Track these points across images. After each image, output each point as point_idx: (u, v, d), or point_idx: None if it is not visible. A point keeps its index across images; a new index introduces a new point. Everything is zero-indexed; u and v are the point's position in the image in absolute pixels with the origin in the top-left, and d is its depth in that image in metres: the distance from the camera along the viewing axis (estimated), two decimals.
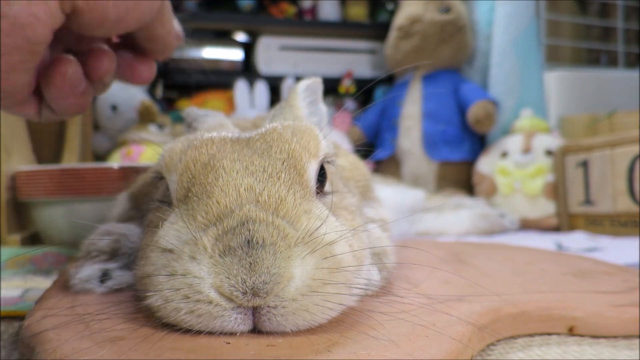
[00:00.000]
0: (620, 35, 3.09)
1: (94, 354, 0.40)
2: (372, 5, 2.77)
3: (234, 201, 0.47)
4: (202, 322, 0.44)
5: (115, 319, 0.48)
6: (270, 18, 2.61)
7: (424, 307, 0.53)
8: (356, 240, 0.53)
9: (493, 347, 0.56)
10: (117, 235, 0.63)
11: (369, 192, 0.82)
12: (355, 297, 0.51)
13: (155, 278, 0.46)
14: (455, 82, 2.20)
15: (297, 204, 0.48)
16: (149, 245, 0.50)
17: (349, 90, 2.53)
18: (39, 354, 0.42)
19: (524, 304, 0.60)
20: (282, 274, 0.43)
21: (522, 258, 0.87)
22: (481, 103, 2.02)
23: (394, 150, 2.24)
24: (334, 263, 0.46)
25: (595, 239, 1.47)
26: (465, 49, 2.24)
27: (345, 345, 0.43)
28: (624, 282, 0.72)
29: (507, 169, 1.87)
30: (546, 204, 1.76)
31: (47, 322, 0.47)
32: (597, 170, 1.58)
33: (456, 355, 0.45)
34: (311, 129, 0.57)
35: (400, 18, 2.28)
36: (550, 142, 1.84)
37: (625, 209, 1.49)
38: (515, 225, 1.69)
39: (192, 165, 0.51)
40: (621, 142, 1.51)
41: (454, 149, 2.14)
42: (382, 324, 0.47)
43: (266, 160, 0.51)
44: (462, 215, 1.62)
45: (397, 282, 0.64)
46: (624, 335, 0.60)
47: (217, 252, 0.44)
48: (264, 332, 0.45)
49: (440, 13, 2.20)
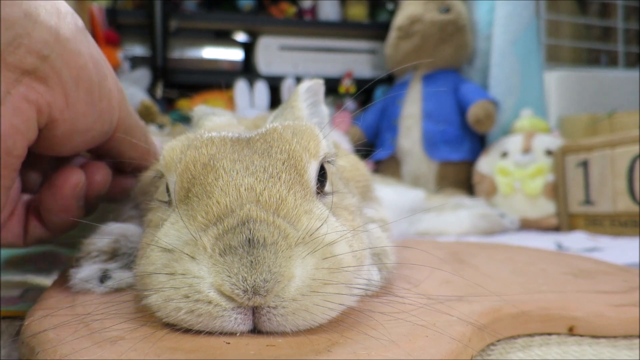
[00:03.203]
0: (620, 35, 3.09)
1: (93, 353, 0.40)
2: (372, 5, 2.77)
3: (234, 201, 0.47)
4: (202, 321, 0.44)
5: (115, 319, 0.48)
6: (270, 18, 2.61)
7: (424, 307, 0.53)
8: (356, 240, 0.53)
9: (493, 347, 0.56)
10: (117, 235, 0.63)
11: (369, 192, 0.82)
12: (356, 297, 0.51)
13: (156, 278, 0.46)
14: (455, 82, 2.20)
15: (297, 204, 0.48)
16: (149, 244, 0.50)
17: (349, 90, 2.53)
18: (39, 354, 0.42)
19: (524, 304, 0.60)
20: (282, 273, 0.43)
21: (522, 258, 0.87)
22: (481, 103, 2.02)
23: (394, 150, 2.24)
24: (334, 263, 0.46)
25: (595, 239, 1.47)
26: (465, 49, 2.24)
27: (346, 345, 0.43)
28: (624, 282, 0.72)
29: (507, 169, 1.87)
30: (546, 204, 1.76)
31: (47, 322, 0.47)
32: (597, 170, 1.58)
33: (456, 355, 0.45)
34: (311, 129, 0.57)
35: (400, 18, 2.28)
36: (550, 142, 1.84)
37: (625, 209, 1.49)
38: (515, 225, 1.69)
39: (192, 165, 0.51)
40: (621, 142, 1.51)
41: (454, 149, 2.14)
42: (382, 324, 0.47)
43: (267, 160, 0.51)
44: (462, 215, 1.62)
45: (397, 282, 0.64)
46: (624, 335, 0.60)
47: (217, 252, 0.44)
48: (264, 332, 0.45)
49: (440, 13, 2.20)
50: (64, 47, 0.53)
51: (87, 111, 0.57)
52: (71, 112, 0.55)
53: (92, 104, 0.58)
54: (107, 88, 0.61)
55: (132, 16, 2.44)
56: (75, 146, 0.60)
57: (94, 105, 0.58)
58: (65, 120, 0.55)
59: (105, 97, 0.60)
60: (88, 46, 0.57)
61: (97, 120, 0.60)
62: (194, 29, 2.54)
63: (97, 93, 0.58)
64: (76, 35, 0.55)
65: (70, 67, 0.54)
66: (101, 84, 0.59)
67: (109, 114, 0.62)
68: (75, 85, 0.55)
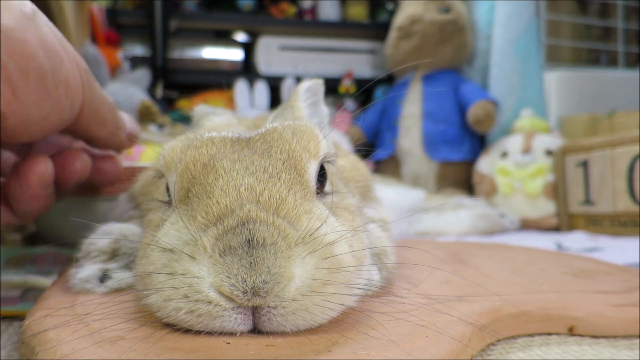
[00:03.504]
0: (620, 35, 3.09)
1: (93, 353, 0.40)
2: (372, 5, 2.77)
3: (234, 201, 0.47)
4: (202, 322, 0.44)
5: (115, 319, 0.48)
6: (270, 18, 2.61)
7: (424, 307, 0.53)
8: (356, 240, 0.53)
9: (493, 347, 0.56)
10: (117, 235, 0.63)
11: (369, 193, 0.82)
12: (355, 297, 0.51)
13: (156, 277, 0.46)
14: (455, 82, 2.20)
15: (297, 204, 0.48)
16: (149, 244, 0.50)
17: (349, 90, 2.53)
18: (39, 354, 0.42)
19: (524, 304, 0.60)
20: (282, 274, 0.43)
21: (522, 258, 0.87)
22: (481, 103, 2.02)
23: (394, 150, 2.24)
24: (334, 263, 0.46)
25: (595, 239, 1.47)
26: (465, 49, 2.24)
27: (346, 345, 0.43)
28: (624, 282, 0.72)
29: (507, 169, 1.87)
30: (546, 204, 1.76)
31: (47, 322, 0.47)
32: (597, 170, 1.58)
33: (456, 355, 0.45)
34: (311, 129, 0.57)
35: (400, 18, 2.28)
36: (550, 142, 1.84)
37: (625, 209, 1.49)
38: (515, 225, 1.69)
39: (192, 165, 0.51)
40: (621, 142, 1.51)
41: (454, 148, 2.14)
42: (382, 324, 0.47)
43: (266, 160, 0.51)
44: (462, 215, 1.62)
45: (397, 282, 0.64)
46: (624, 335, 0.60)
47: (217, 252, 0.44)
48: (264, 332, 0.45)
49: (440, 13, 2.20)
50: (7, 37, 0.50)
51: (39, 100, 0.55)
52: (20, 104, 0.53)
53: (45, 93, 0.55)
54: (64, 73, 0.57)
55: (132, 16, 2.44)
56: (33, 134, 0.58)
57: (48, 94, 0.56)
58: (15, 113, 0.53)
59: (61, 83, 0.57)
60: (37, 32, 0.54)
61: (54, 108, 0.58)
62: (194, 29, 2.54)
63: (51, 80, 0.56)
64: (21, 22, 0.52)
65: (16, 58, 0.51)
66: (55, 70, 0.56)
67: (69, 99, 0.59)
68: (23, 76, 0.52)
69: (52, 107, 0.57)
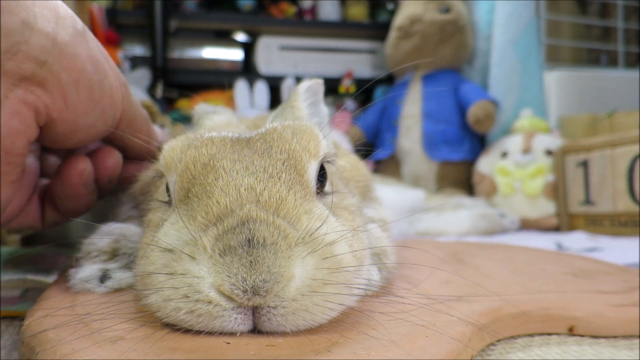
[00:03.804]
0: (620, 35, 3.09)
1: (93, 353, 0.40)
2: (372, 5, 2.77)
3: (234, 201, 0.47)
4: (202, 322, 0.44)
5: (115, 319, 0.48)
6: (270, 18, 2.61)
7: (424, 307, 0.53)
8: (356, 240, 0.53)
9: (493, 347, 0.56)
10: (117, 235, 0.63)
11: (369, 193, 0.82)
12: (355, 297, 0.51)
13: (155, 277, 0.46)
14: (455, 82, 2.20)
15: (297, 204, 0.48)
16: (149, 244, 0.50)
17: (349, 90, 2.53)
18: (39, 354, 0.42)
19: (524, 304, 0.60)
20: (282, 274, 0.43)
21: (522, 258, 0.87)
22: (481, 103, 2.02)
23: (394, 150, 2.24)
24: (334, 263, 0.46)
25: (595, 239, 1.47)
26: (465, 49, 2.24)
27: (345, 345, 0.43)
28: (624, 282, 0.72)
29: (507, 169, 1.87)
30: (546, 204, 1.76)
31: (47, 322, 0.47)
32: (597, 170, 1.58)
33: (456, 355, 0.45)
34: (311, 129, 0.57)
35: (400, 18, 2.28)
36: (550, 142, 1.84)
37: (625, 209, 1.49)
38: (515, 225, 1.69)
39: (192, 165, 0.51)
40: (621, 142, 1.51)
41: (454, 148, 2.14)
42: (382, 324, 0.47)
43: (266, 160, 0.51)
44: (462, 215, 1.62)
45: (397, 282, 0.64)
46: (624, 335, 0.60)
47: (217, 252, 0.44)
48: (264, 332, 0.45)
49: (440, 13, 2.20)
50: (61, 51, 0.55)
51: (88, 110, 0.60)
52: (71, 112, 0.58)
53: (93, 103, 0.60)
54: (108, 86, 0.63)
55: (132, 16, 2.43)
56: (79, 140, 0.63)
57: (95, 104, 0.61)
58: (64, 120, 0.58)
59: (106, 95, 0.62)
60: (87, 47, 0.59)
61: (100, 117, 0.63)
62: (194, 29, 2.54)
63: (98, 92, 0.61)
64: (74, 38, 0.57)
65: (69, 71, 0.56)
66: (102, 82, 0.61)
67: (112, 110, 0.65)
68: (74, 87, 0.57)
69: (97, 116, 0.62)
